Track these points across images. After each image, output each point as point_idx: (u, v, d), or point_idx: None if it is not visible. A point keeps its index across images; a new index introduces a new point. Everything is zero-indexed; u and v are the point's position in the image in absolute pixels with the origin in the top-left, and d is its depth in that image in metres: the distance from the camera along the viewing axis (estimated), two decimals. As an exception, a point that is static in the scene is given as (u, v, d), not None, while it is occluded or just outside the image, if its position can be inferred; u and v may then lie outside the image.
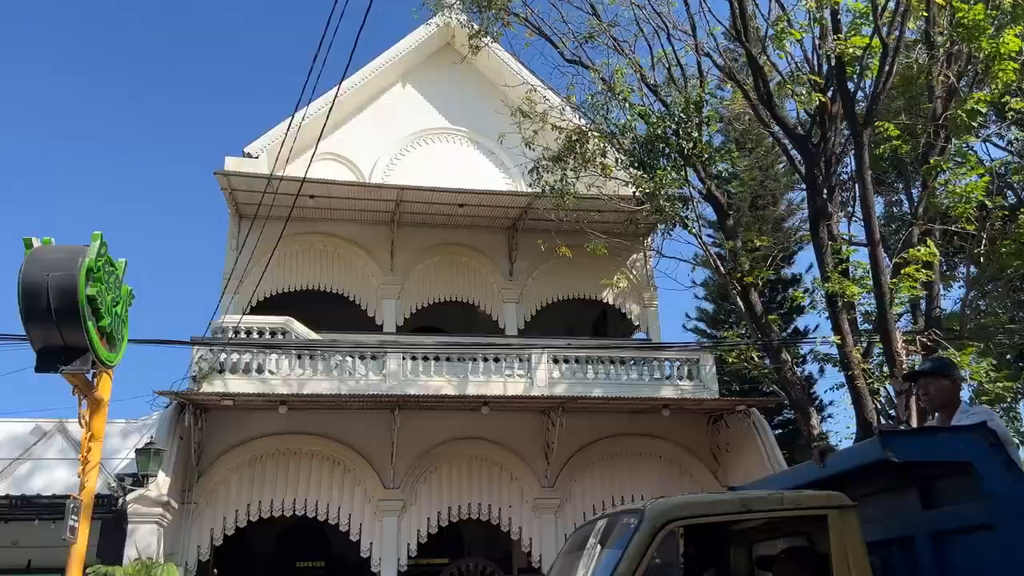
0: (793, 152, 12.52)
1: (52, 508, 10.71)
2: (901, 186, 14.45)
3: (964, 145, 11.89)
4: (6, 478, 12.47)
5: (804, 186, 12.22)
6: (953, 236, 12.41)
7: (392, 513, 14.75)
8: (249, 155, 17.50)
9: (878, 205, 13.70)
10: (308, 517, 14.85)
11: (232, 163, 16.82)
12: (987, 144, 13.46)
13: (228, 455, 14.54)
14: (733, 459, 16.04)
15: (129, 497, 11.93)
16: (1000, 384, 10.25)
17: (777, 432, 19.50)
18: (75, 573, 6.81)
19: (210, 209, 48.27)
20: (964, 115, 10.15)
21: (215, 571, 15.72)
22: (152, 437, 12.78)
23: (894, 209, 16.08)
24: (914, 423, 10.21)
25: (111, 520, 11.79)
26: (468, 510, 15.27)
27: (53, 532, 8.41)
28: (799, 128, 11.99)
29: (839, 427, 47.40)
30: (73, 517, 6.87)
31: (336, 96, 13.26)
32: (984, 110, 10.51)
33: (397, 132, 19.65)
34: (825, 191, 11.52)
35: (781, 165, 21.24)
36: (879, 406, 11.04)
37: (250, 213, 15.89)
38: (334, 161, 18.82)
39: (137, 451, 12.32)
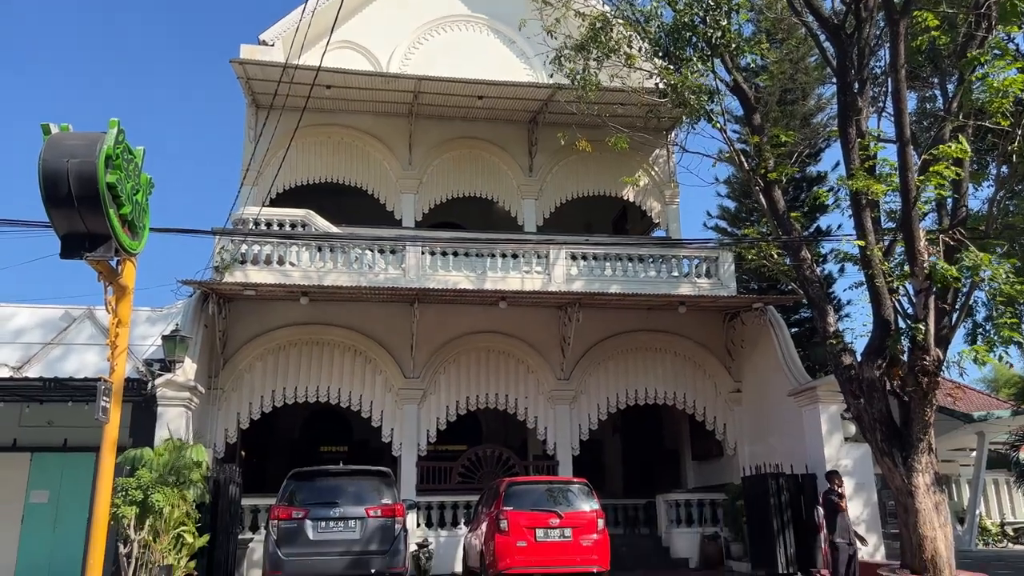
0: (825, 44, 11.97)
1: (84, 390, 11.10)
2: (936, 81, 13.86)
3: (1004, 36, 11.30)
4: (39, 361, 12.90)
5: (835, 80, 11.75)
6: (986, 133, 11.97)
7: (412, 401, 15.21)
8: (264, 43, 17.13)
9: (911, 100, 13.23)
10: (331, 404, 15.35)
11: (247, 51, 16.47)
12: (1029, 36, 12.77)
13: (252, 343, 14.93)
14: (747, 355, 16.26)
15: (158, 381, 12.31)
16: (1018, 287, 10.08)
17: (793, 331, 19.62)
18: (108, 451, 7.10)
19: (230, 99, 47.67)
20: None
21: (242, 453, 16.41)
22: (178, 324, 13.09)
23: (927, 105, 15.50)
24: (931, 323, 10.19)
25: (141, 403, 12.21)
26: (486, 400, 15.72)
27: (86, 413, 8.73)
28: (833, 17, 11.44)
29: (855, 325, 47.72)
30: (104, 399, 7.08)
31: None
32: None
33: (415, 19, 19.06)
34: (856, 85, 11.10)
35: (812, 58, 20.46)
36: (898, 305, 10.96)
37: (267, 103, 15.69)
38: (351, 50, 18.38)
39: (164, 338, 12.65)
